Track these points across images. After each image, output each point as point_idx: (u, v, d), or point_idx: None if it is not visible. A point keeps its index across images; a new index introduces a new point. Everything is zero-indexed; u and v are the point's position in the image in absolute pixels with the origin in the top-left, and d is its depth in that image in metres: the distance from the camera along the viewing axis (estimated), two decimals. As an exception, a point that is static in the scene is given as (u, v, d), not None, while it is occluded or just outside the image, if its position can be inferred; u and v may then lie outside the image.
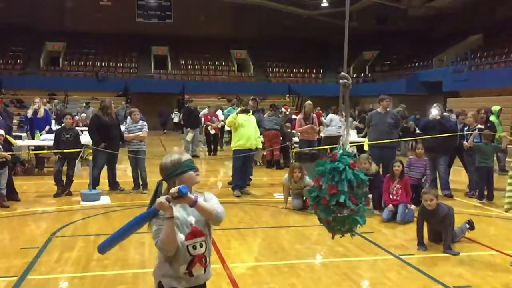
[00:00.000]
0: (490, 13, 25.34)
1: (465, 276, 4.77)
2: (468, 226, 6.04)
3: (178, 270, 2.53)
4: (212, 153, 15.44)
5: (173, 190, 2.39)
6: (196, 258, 2.55)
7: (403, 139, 13.65)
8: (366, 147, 9.42)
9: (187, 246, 2.52)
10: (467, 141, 8.73)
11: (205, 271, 2.61)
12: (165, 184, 2.60)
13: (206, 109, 17.17)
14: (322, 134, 12.17)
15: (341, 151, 2.66)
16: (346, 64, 2.84)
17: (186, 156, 2.63)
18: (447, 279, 4.64)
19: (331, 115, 12.57)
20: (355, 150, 2.47)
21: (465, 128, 9.15)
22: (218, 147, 16.12)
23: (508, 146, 9.12)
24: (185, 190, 2.39)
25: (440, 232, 5.64)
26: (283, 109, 14.80)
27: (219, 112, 16.64)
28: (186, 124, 15.06)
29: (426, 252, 5.49)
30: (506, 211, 5.39)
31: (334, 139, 11.68)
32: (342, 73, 2.63)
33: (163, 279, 2.55)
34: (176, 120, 25.70)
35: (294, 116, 15.03)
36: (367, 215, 2.67)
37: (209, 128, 15.36)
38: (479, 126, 8.89)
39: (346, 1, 2.68)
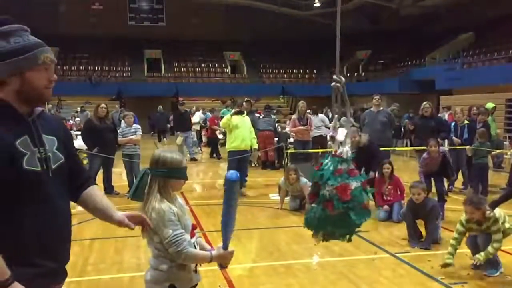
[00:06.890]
0: (481, 11, 25.45)
1: (460, 273, 4.79)
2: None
3: (190, 269, 2.54)
4: (216, 156, 15.17)
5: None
6: None
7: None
8: None
9: (194, 243, 2.54)
10: (457, 137, 8.96)
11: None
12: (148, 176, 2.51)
13: (209, 113, 17.07)
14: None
15: (328, 159, 2.53)
16: (338, 65, 2.74)
17: (185, 162, 2.62)
18: (443, 277, 4.66)
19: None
20: (349, 153, 2.16)
21: (452, 124, 9.31)
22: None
23: (504, 142, 9.22)
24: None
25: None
26: (256, 114, 14.21)
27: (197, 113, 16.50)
28: (176, 127, 14.86)
29: (421, 249, 5.52)
30: (443, 267, 4.75)
31: (316, 140, 11.69)
32: (334, 76, 2.56)
33: (177, 282, 2.49)
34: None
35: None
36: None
37: (217, 132, 15.11)
38: (466, 122, 9.11)
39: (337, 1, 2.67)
